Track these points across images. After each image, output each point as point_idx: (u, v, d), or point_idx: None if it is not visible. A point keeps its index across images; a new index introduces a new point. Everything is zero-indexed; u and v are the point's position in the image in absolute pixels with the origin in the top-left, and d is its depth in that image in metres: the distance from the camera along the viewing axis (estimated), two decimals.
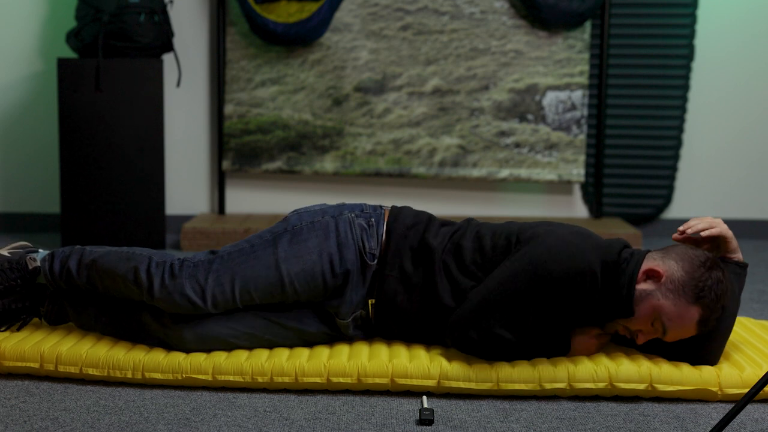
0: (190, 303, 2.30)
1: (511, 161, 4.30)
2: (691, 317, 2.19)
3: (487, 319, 2.21)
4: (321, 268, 2.30)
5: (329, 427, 2.05)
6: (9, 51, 4.39)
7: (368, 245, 2.34)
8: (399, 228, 2.37)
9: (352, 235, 2.33)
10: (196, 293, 2.30)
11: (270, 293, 2.32)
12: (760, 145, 4.48)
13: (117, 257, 2.38)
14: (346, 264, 2.31)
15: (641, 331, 2.24)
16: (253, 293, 2.31)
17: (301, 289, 2.31)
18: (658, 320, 2.20)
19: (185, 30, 4.39)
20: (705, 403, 2.24)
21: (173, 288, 2.30)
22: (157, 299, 2.31)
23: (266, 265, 2.31)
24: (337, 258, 2.31)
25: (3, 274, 2.42)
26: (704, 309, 2.19)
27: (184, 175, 4.48)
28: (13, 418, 2.06)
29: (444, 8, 4.27)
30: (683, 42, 4.37)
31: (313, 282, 2.31)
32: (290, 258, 2.30)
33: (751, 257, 4.09)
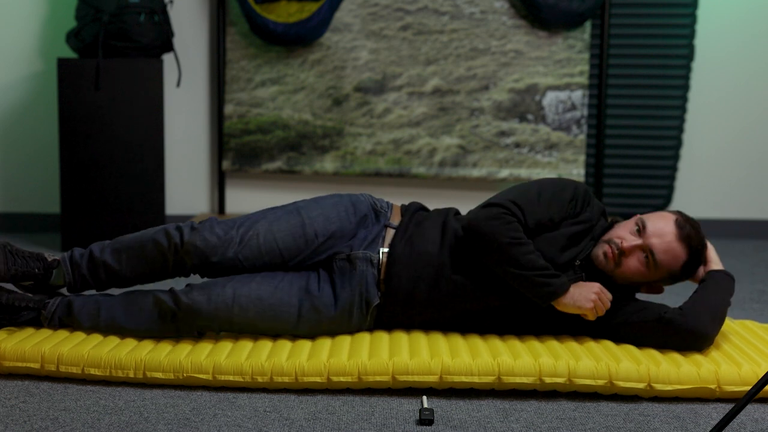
0: (218, 237, 2.45)
1: (511, 161, 4.30)
2: (667, 216, 2.41)
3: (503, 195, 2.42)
4: (337, 214, 2.52)
5: (329, 427, 2.05)
6: (9, 51, 4.39)
7: (379, 204, 2.59)
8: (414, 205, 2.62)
9: (363, 197, 2.59)
10: (223, 230, 2.48)
11: (291, 235, 2.48)
12: (760, 145, 4.48)
13: (139, 234, 2.53)
14: (361, 212, 2.54)
15: (624, 239, 2.38)
16: (276, 234, 2.48)
17: (320, 230, 2.49)
18: (638, 220, 2.41)
19: (185, 30, 4.39)
20: (705, 403, 2.24)
21: (203, 228, 2.48)
22: (186, 242, 2.45)
23: (287, 210, 2.53)
24: (351, 209, 2.54)
25: (24, 260, 2.49)
26: (680, 215, 2.42)
27: (184, 175, 4.48)
28: (13, 418, 2.06)
29: (444, 8, 4.27)
30: (683, 42, 4.37)
31: (330, 224, 2.50)
32: (310, 206, 2.54)
33: (751, 257, 4.09)
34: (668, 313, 2.36)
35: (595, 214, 2.50)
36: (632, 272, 2.40)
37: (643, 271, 2.40)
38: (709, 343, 2.36)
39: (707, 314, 2.35)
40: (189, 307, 2.40)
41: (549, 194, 2.44)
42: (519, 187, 2.46)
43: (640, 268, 2.40)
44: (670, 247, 2.38)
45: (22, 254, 2.49)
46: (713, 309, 2.36)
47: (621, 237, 2.41)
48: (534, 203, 2.41)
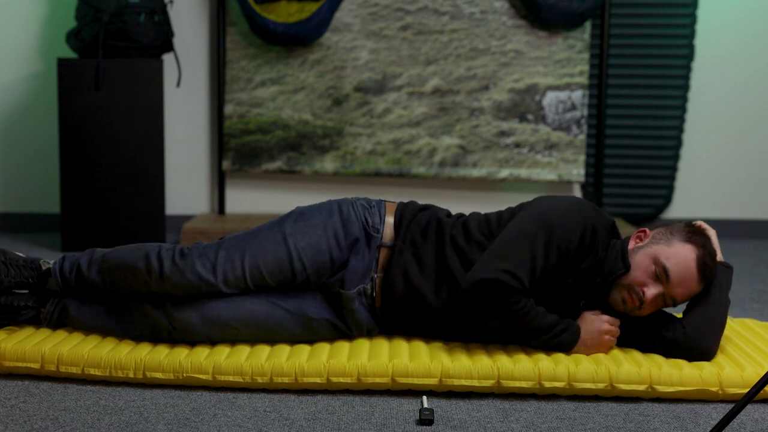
0: (201, 279, 2.34)
1: (511, 161, 4.30)
2: (689, 255, 2.28)
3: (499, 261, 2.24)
4: (327, 242, 2.38)
5: (329, 427, 2.05)
6: (9, 51, 4.39)
7: (371, 221, 2.43)
8: (410, 210, 2.48)
9: (354, 212, 2.43)
10: (206, 269, 2.35)
11: (279, 269, 2.36)
12: (760, 145, 4.48)
13: (127, 250, 2.44)
14: (352, 235, 2.39)
15: (645, 285, 2.28)
16: (262, 269, 2.36)
17: (309, 263, 2.37)
18: (659, 264, 2.27)
19: (185, 30, 4.39)
20: (705, 403, 2.24)
21: (184, 266, 2.35)
22: (167, 278, 2.34)
23: (274, 240, 2.38)
24: (341, 232, 2.39)
25: (18, 269, 2.45)
26: (698, 248, 2.29)
27: (184, 175, 4.48)
28: (13, 418, 2.06)
29: (444, 8, 4.27)
30: (683, 42, 4.37)
31: (320, 255, 2.37)
32: (297, 233, 2.38)
33: (751, 257, 4.09)
34: (670, 332, 2.33)
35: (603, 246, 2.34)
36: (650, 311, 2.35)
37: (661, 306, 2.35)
38: (713, 356, 2.33)
39: (709, 330, 2.31)
40: (183, 326, 2.36)
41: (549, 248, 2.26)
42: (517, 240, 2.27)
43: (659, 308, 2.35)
44: (692, 289, 2.31)
45: (17, 263, 2.46)
46: (716, 323, 2.32)
47: (643, 285, 2.29)
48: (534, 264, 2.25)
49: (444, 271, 2.38)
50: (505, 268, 2.22)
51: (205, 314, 2.36)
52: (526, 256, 2.25)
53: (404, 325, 2.43)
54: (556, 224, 2.28)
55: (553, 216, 2.30)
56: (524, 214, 2.34)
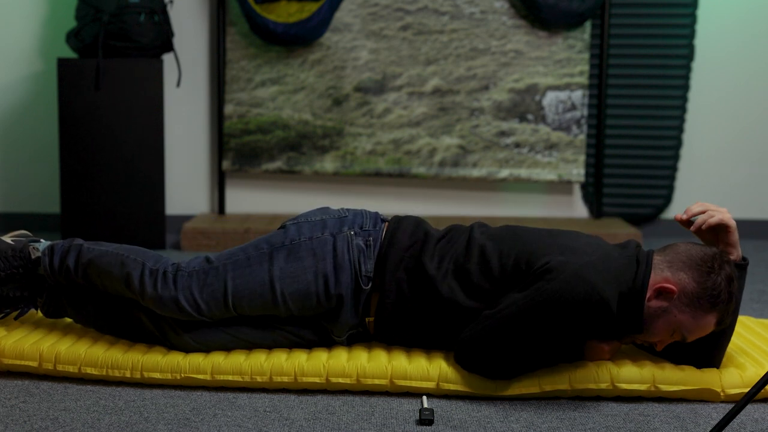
0: (183, 313, 2.30)
1: (511, 161, 4.30)
2: (709, 322, 2.17)
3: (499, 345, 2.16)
4: (315, 290, 2.28)
5: (329, 427, 2.05)
6: (9, 51, 4.39)
7: (365, 268, 2.29)
8: (394, 253, 2.31)
9: (349, 256, 2.29)
10: (189, 305, 2.29)
11: (263, 308, 2.31)
12: (760, 145, 4.48)
13: (112, 260, 2.36)
14: (341, 287, 2.27)
15: (661, 341, 2.22)
16: (246, 308, 2.30)
17: (294, 308, 2.30)
18: (678, 332, 2.18)
19: (185, 30, 4.39)
20: (705, 403, 2.24)
21: (167, 298, 2.28)
22: (149, 303, 2.31)
23: (261, 282, 2.28)
24: (332, 280, 2.27)
25: (6, 261, 2.43)
26: (721, 312, 2.16)
27: (184, 175, 4.48)
28: (13, 418, 2.06)
29: (444, 8, 4.27)
30: (683, 42, 4.37)
31: (307, 302, 2.29)
32: (285, 277, 2.28)
33: (751, 257, 4.09)
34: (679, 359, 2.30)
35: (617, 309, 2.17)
36: None
37: None
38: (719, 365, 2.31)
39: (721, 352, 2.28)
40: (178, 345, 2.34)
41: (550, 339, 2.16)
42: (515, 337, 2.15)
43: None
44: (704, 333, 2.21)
45: (5, 254, 2.43)
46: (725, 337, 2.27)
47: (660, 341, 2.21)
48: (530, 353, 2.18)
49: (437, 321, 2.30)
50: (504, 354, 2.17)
51: (199, 339, 2.33)
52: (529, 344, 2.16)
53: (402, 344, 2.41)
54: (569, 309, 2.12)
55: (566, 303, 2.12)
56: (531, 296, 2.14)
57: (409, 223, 2.37)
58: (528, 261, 2.21)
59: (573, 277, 2.11)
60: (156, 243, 4.02)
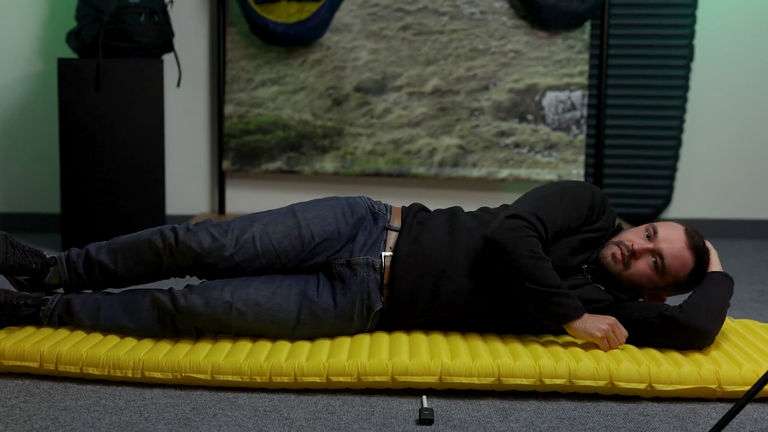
0: (214, 239, 2.44)
1: (510, 161, 4.30)
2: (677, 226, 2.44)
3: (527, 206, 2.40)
4: (334, 215, 2.49)
5: (329, 426, 2.05)
6: (9, 51, 4.39)
7: (377, 206, 2.56)
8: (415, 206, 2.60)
9: (361, 200, 2.57)
10: (219, 233, 2.46)
11: (287, 236, 2.46)
12: (760, 145, 4.48)
13: (135, 235, 2.53)
14: (358, 213, 2.52)
15: (634, 242, 2.41)
16: (271, 235, 2.46)
17: (317, 231, 2.47)
18: (651, 227, 2.43)
19: (185, 30, 4.40)
20: (705, 403, 2.24)
21: (197, 230, 2.47)
22: (181, 242, 2.44)
23: (284, 213, 2.51)
24: (348, 211, 2.52)
25: (23, 253, 2.50)
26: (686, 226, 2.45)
27: (184, 175, 4.48)
28: (13, 418, 2.07)
29: (444, 8, 4.27)
30: (683, 42, 4.37)
31: (327, 225, 2.48)
32: (306, 207, 2.52)
33: (751, 257, 4.10)
34: (668, 311, 2.37)
35: (610, 222, 2.53)
36: (640, 275, 2.42)
37: (651, 275, 2.42)
38: (709, 341, 2.36)
39: (707, 312, 2.35)
40: (187, 310, 2.40)
41: (569, 202, 2.44)
42: (540, 194, 2.45)
43: (648, 272, 2.42)
44: (680, 254, 2.41)
45: (22, 248, 2.50)
46: (713, 307, 2.37)
47: (632, 240, 2.44)
48: (555, 214, 2.41)
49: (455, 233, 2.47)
50: (536, 213, 2.38)
51: (209, 298, 2.40)
52: (550, 209, 2.40)
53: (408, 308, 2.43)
54: (570, 188, 2.47)
55: (568, 183, 2.49)
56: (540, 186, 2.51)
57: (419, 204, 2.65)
58: None
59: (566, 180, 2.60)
60: None
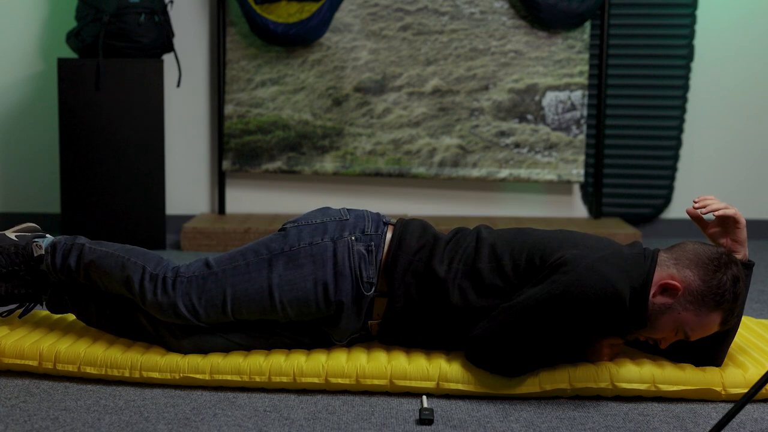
0: (181, 318, 2.29)
1: (510, 161, 4.30)
2: (713, 321, 2.17)
3: (511, 340, 2.15)
4: (315, 297, 2.26)
5: (329, 426, 2.05)
6: (9, 51, 4.39)
7: (366, 274, 2.27)
8: (403, 257, 2.29)
9: (350, 263, 2.26)
10: (188, 311, 2.28)
11: (261, 314, 2.30)
12: (759, 145, 4.48)
13: (113, 262, 2.36)
14: (341, 295, 2.25)
15: (664, 338, 2.22)
16: (245, 314, 2.29)
17: (293, 313, 2.29)
18: (681, 330, 2.18)
19: (185, 30, 4.40)
20: (705, 403, 2.24)
21: (166, 304, 2.28)
22: (149, 308, 2.31)
23: (259, 289, 2.27)
24: (332, 288, 2.25)
25: (8, 258, 2.43)
26: (725, 312, 2.17)
27: (184, 175, 4.48)
28: (13, 418, 2.07)
29: (444, 8, 4.27)
30: (683, 42, 4.37)
31: (305, 308, 2.27)
32: (284, 285, 2.26)
33: (751, 257, 4.10)
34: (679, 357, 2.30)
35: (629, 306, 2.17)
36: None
37: None
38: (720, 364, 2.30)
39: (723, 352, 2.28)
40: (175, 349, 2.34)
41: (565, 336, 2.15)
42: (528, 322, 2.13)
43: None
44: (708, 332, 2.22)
45: (7, 251, 2.43)
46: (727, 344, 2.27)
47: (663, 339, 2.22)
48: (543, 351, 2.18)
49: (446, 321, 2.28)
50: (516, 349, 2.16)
51: (196, 343, 2.33)
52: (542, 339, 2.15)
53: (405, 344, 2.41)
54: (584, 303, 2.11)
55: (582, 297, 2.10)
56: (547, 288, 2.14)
57: (416, 227, 2.34)
58: (542, 256, 2.20)
59: (588, 270, 2.11)
60: (156, 243, 4.02)
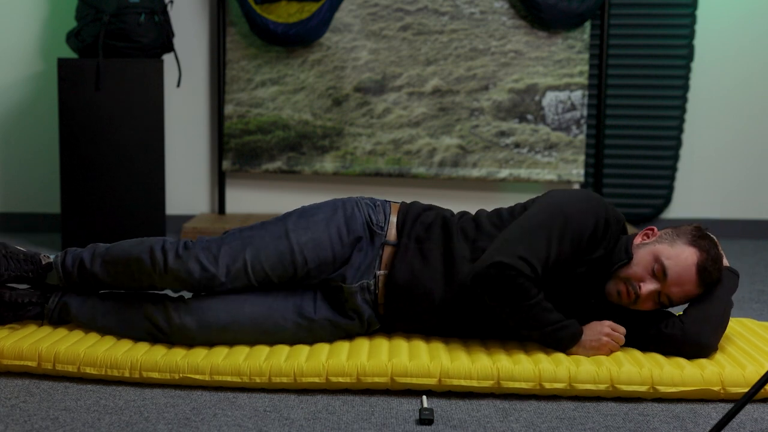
0: (204, 270, 2.35)
1: (510, 161, 4.30)
2: (690, 258, 2.28)
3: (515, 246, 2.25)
4: (329, 237, 2.38)
5: (329, 426, 2.05)
6: (9, 51, 4.39)
7: (375, 219, 2.44)
8: (414, 209, 2.48)
9: (359, 210, 2.44)
10: (209, 261, 2.36)
11: (280, 263, 2.37)
12: (759, 145, 4.48)
13: (130, 243, 2.45)
14: (355, 232, 2.40)
15: (642, 280, 2.29)
16: (264, 262, 2.37)
17: (310, 257, 2.37)
18: (658, 262, 2.29)
19: (185, 30, 4.40)
20: (705, 403, 2.24)
21: (187, 257, 2.37)
22: (171, 269, 2.36)
23: (276, 235, 2.38)
24: (344, 229, 2.40)
25: (18, 263, 2.46)
26: (701, 252, 2.29)
27: (184, 175, 4.48)
28: (13, 418, 2.07)
29: (444, 8, 4.27)
30: (683, 42, 4.37)
31: (321, 251, 2.38)
32: (299, 229, 2.39)
33: (751, 257, 4.10)
34: (668, 327, 2.34)
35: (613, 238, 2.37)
36: (646, 308, 2.35)
37: (659, 307, 2.36)
38: (712, 352, 2.34)
39: (708, 326, 2.31)
40: (180, 329, 2.36)
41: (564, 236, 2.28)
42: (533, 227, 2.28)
43: (655, 306, 2.34)
44: (689, 292, 2.32)
45: (17, 257, 2.47)
46: (715, 318, 2.32)
47: (640, 279, 2.31)
48: (549, 252, 2.26)
49: (450, 263, 2.38)
50: (521, 255, 2.23)
51: (201, 318, 2.35)
52: (542, 244, 2.26)
53: (406, 321, 2.44)
54: (571, 214, 2.31)
55: (567, 207, 2.32)
56: (538, 204, 2.37)
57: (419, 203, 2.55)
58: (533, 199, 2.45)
59: (575, 191, 2.40)
60: None
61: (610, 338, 2.32)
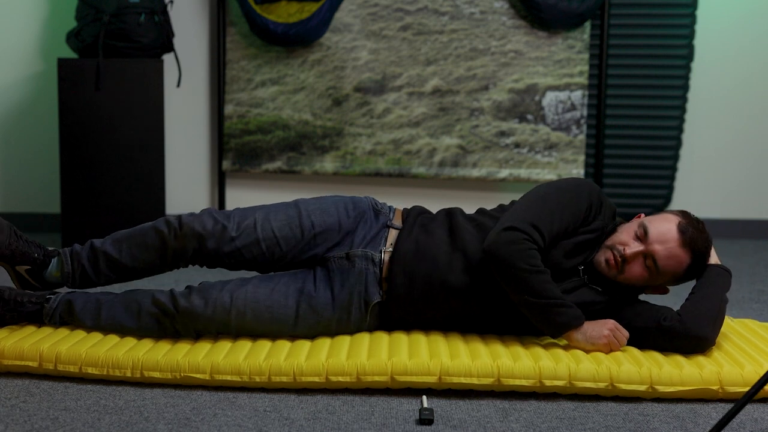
0: (216, 222, 2.49)
1: (510, 161, 4.30)
2: (670, 218, 2.39)
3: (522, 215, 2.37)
4: (336, 209, 2.53)
5: (329, 426, 2.05)
6: (9, 51, 4.39)
7: (380, 205, 2.59)
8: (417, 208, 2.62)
9: (365, 198, 2.60)
10: (222, 215, 2.52)
11: (288, 224, 2.50)
12: (759, 145, 4.49)
13: (142, 224, 2.57)
14: (360, 208, 2.55)
15: (626, 245, 2.37)
16: (272, 222, 2.50)
17: (317, 221, 2.50)
18: (640, 225, 2.39)
19: (185, 30, 4.40)
20: (705, 403, 2.24)
21: (201, 214, 2.52)
22: (185, 224, 2.48)
23: (286, 204, 2.56)
24: (351, 205, 2.56)
25: (26, 243, 2.51)
26: (683, 216, 2.40)
27: (184, 175, 4.48)
28: (13, 418, 2.07)
29: (444, 8, 4.27)
30: (683, 42, 4.37)
31: (328, 217, 2.51)
32: (309, 203, 2.56)
33: (751, 257, 4.10)
34: (667, 320, 2.35)
35: (607, 219, 2.49)
36: (635, 278, 2.40)
37: (646, 276, 2.40)
38: (710, 346, 2.36)
39: (706, 318, 2.34)
40: (187, 310, 2.41)
41: (566, 206, 2.41)
42: (537, 198, 2.43)
43: (643, 274, 2.39)
44: (673, 253, 2.37)
45: (26, 238, 2.53)
46: (712, 312, 2.35)
47: (624, 243, 2.39)
48: (553, 220, 2.38)
49: (455, 234, 2.47)
50: (532, 222, 2.35)
51: (208, 299, 2.42)
52: (546, 215, 2.38)
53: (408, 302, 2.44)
54: (570, 189, 2.44)
55: (565, 184, 2.46)
56: (537, 187, 2.48)
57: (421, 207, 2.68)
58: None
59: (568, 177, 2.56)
60: None
61: (612, 336, 2.32)
